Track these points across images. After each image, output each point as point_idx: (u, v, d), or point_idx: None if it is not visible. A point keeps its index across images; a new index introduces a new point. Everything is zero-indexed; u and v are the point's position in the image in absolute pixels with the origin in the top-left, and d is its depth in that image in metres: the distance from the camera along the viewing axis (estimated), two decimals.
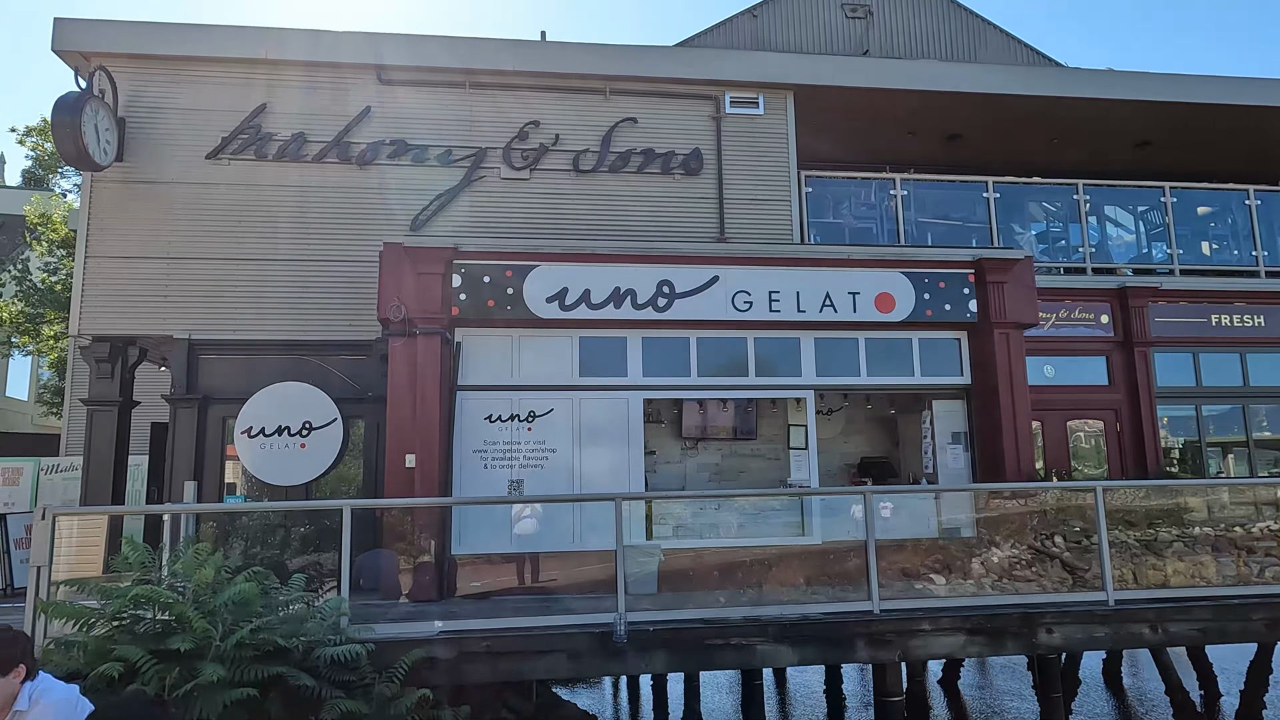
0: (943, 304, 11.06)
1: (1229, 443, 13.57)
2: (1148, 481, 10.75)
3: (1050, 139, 15.33)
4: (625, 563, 9.09)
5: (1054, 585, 8.56)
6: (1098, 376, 12.97)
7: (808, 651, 7.69)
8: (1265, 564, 9.01)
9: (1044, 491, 10.08)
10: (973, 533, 9.87)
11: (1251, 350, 13.33)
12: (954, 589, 8.54)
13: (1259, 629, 8.15)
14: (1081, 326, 12.98)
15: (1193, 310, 13.34)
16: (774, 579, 9.14)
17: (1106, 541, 8.16)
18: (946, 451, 11.35)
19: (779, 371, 11.05)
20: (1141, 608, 7.97)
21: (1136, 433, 12.69)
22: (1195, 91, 13.75)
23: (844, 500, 10.58)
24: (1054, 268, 13.98)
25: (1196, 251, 14.90)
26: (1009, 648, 7.96)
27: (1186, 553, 9.18)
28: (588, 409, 10.57)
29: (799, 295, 10.86)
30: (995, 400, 10.95)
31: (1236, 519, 9.90)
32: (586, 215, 12.36)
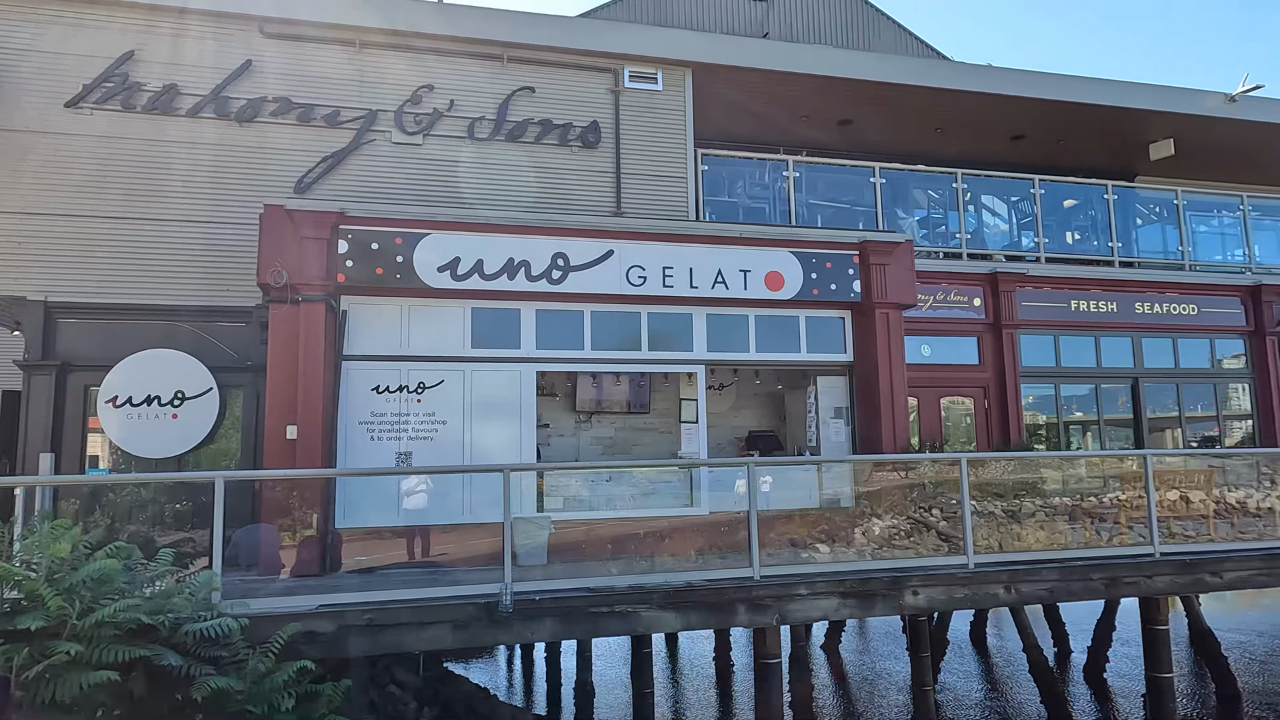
0: (829, 284, 11.48)
1: (1085, 421, 14.68)
2: (1006, 454, 11.53)
3: (934, 129, 16.02)
4: (515, 534, 9.12)
5: (929, 553, 9.05)
6: (969, 356, 13.77)
7: (691, 617, 7.91)
8: (1110, 530, 9.86)
9: (921, 465, 10.63)
10: (852, 503, 10.34)
11: (1105, 334, 14.44)
12: (837, 556, 8.95)
13: (1098, 587, 8.90)
14: (956, 309, 13.73)
15: (1055, 296, 14.31)
16: (667, 549, 9.35)
17: (969, 509, 8.72)
18: (829, 426, 11.84)
19: (672, 346, 11.22)
20: (997, 570, 8.56)
21: (1002, 409, 13.57)
22: (1063, 90, 14.65)
23: (732, 474, 10.90)
24: (934, 252, 14.69)
25: (1061, 241, 15.93)
26: (878, 609, 8.42)
27: (1046, 521, 9.95)
28: (480, 381, 10.47)
29: (692, 271, 11.04)
30: (875, 377, 11.48)
31: (1090, 490, 10.76)
32: (481, 184, 12.15)
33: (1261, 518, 10.70)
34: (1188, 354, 14.84)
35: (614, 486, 11.18)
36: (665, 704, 17.43)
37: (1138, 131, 16.25)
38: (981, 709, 17.68)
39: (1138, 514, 10.21)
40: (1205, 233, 17.20)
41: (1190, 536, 10.02)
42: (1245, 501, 11.00)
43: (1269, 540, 9.93)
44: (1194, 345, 14.88)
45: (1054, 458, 12.09)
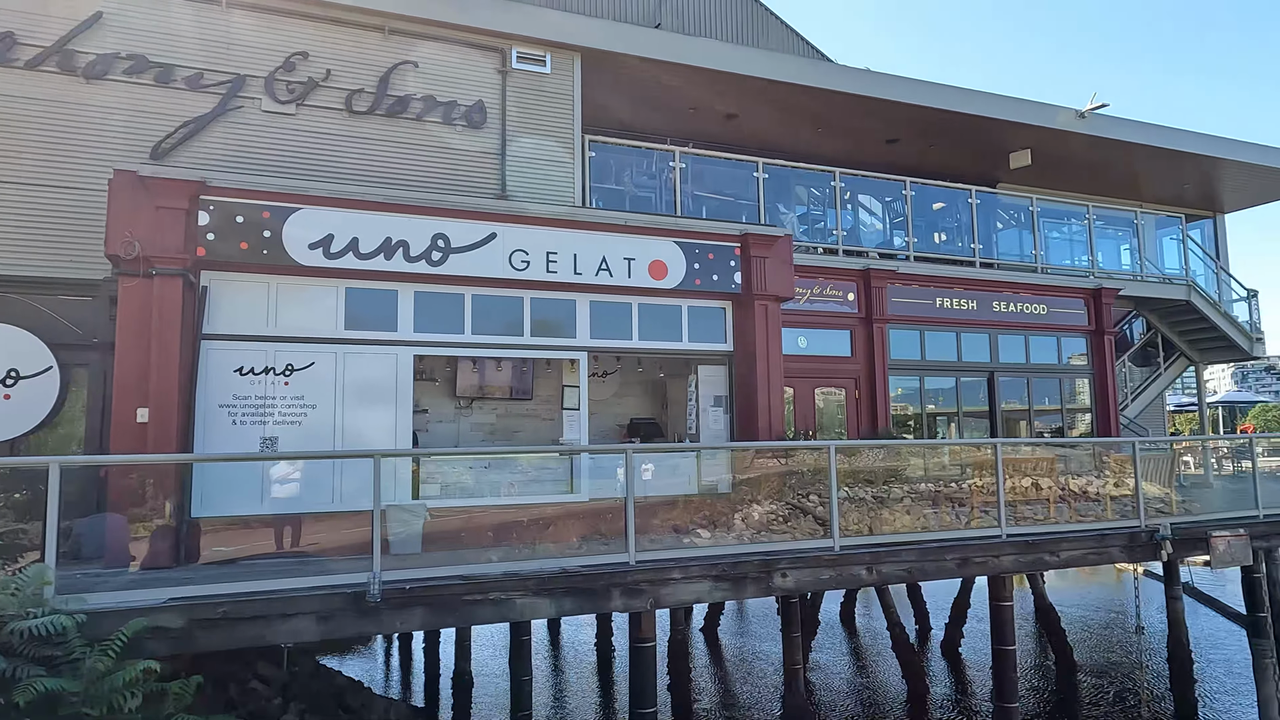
0: (711, 274, 11.69)
1: (947, 412, 15.60)
2: (870, 442, 12.12)
3: (816, 128, 16.55)
4: (388, 522, 8.87)
5: (805, 537, 9.34)
6: (843, 348, 14.36)
7: (565, 603, 7.92)
8: (968, 514, 10.50)
9: (800, 453, 10.95)
10: (730, 490, 10.59)
11: (965, 330, 15.37)
12: (717, 541, 9.15)
13: (951, 567, 9.49)
14: (832, 303, 14.28)
15: (922, 293, 15.11)
16: (550, 536, 9.31)
17: (836, 494, 9.09)
18: (709, 414, 12.08)
19: (555, 332, 11.16)
20: (860, 552, 8.98)
21: (871, 400, 14.23)
22: (934, 98, 15.41)
23: (614, 461, 10.94)
24: (812, 247, 15.20)
25: (930, 241, 16.82)
26: (749, 591, 8.67)
27: (912, 506, 10.49)
28: (353, 364, 10.08)
29: (577, 258, 11.00)
30: (753, 367, 11.79)
31: (950, 477, 11.40)
32: (358, 159, 11.67)
33: (1099, 502, 11.64)
34: (1038, 351, 16.00)
35: (494, 473, 11.03)
36: (546, 691, 17.45)
37: (999, 141, 17.30)
38: (849, 684, 18.57)
39: (991, 499, 10.94)
40: (1057, 239, 18.55)
41: (1040, 519, 10.80)
42: (1086, 489, 11.94)
43: (1102, 522, 10.82)
44: (1043, 342, 16.05)
45: (916, 446, 12.76)
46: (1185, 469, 16.15)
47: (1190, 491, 13.17)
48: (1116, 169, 19.09)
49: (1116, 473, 11.91)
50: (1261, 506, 11.80)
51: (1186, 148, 18.08)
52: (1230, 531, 10.66)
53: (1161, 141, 17.77)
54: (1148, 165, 19.00)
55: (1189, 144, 18.13)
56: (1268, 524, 11.65)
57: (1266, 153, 19.38)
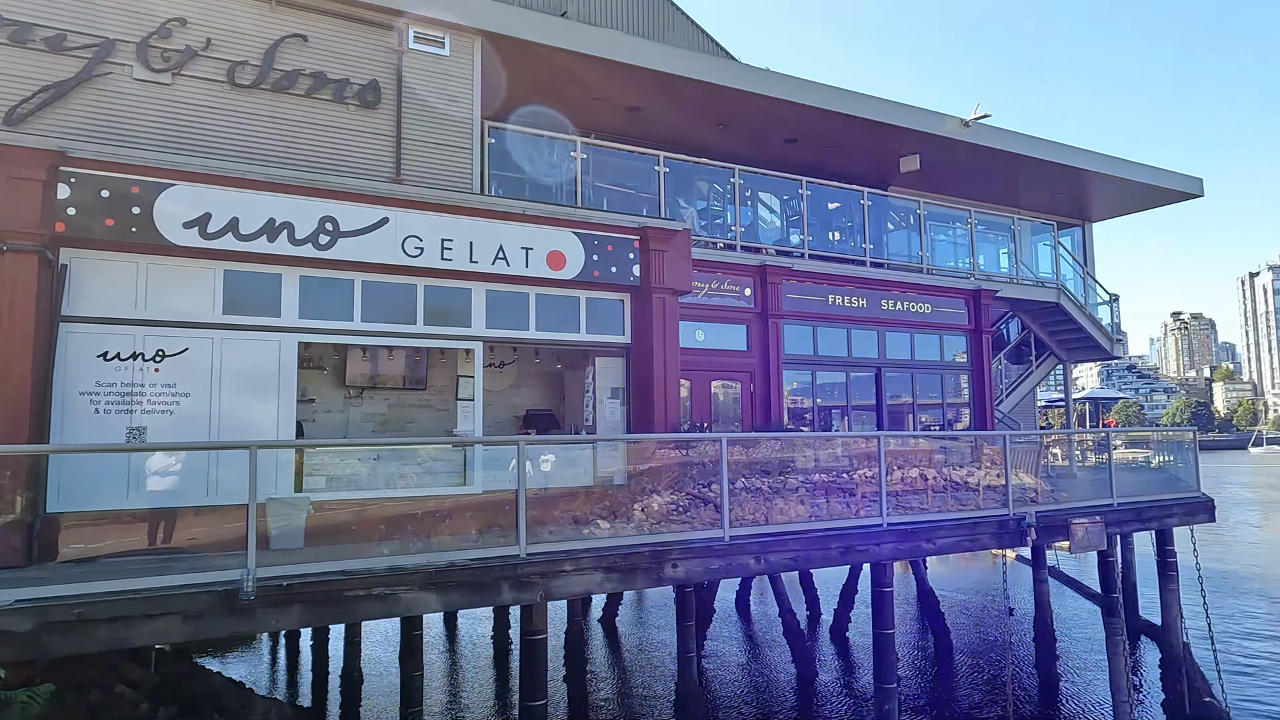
0: (609, 266, 11.68)
1: (838, 405, 16.14)
2: (757, 434, 12.41)
3: (717, 124, 16.77)
4: (269, 516, 8.50)
5: (705, 527, 9.46)
6: (739, 343, 14.65)
7: (453, 597, 7.79)
8: (858, 503, 10.85)
9: (703, 444, 11.04)
10: (625, 481, 10.63)
11: (855, 327, 15.94)
12: (617, 532, 9.16)
13: (835, 555, 9.83)
14: (729, 297, 14.53)
15: (816, 290, 15.56)
16: (446, 530, 9.12)
17: (727, 486, 9.27)
18: (605, 405, 12.10)
19: (449, 321, 10.92)
20: (749, 542, 9.20)
21: (766, 393, 14.58)
22: (829, 100, 15.85)
23: (510, 452, 10.81)
24: (712, 242, 15.42)
25: (824, 239, 17.35)
26: (640, 582, 8.75)
27: (806, 496, 10.78)
28: (231, 351, 9.59)
29: (473, 245, 10.79)
30: (650, 359, 11.87)
31: (842, 468, 11.75)
32: (241, 136, 11.09)
33: (979, 492, 12.25)
34: (922, 347, 16.74)
35: (385, 465, 10.72)
36: (439, 686, 17.17)
37: (891, 145, 17.98)
38: (742, 670, 19.04)
39: (876, 489, 11.38)
40: (942, 241, 19.44)
41: (925, 508, 11.29)
42: (967, 479, 12.55)
43: (976, 511, 11.41)
44: (927, 340, 16.81)
45: (803, 438, 13.14)
46: (1054, 460, 17.24)
47: (1057, 481, 14.06)
48: (997, 176, 20.16)
49: (990, 464, 12.58)
50: (1116, 495, 12.69)
51: (1059, 159, 19.25)
52: (1088, 519, 11.43)
53: (1037, 152, 18.86)
54: (1025, 174, 20.14)
55: (1062, 156, 19.32)
56: (1121, 511, 12.54)
57: (1130, 167, 20.85)
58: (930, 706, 16.66)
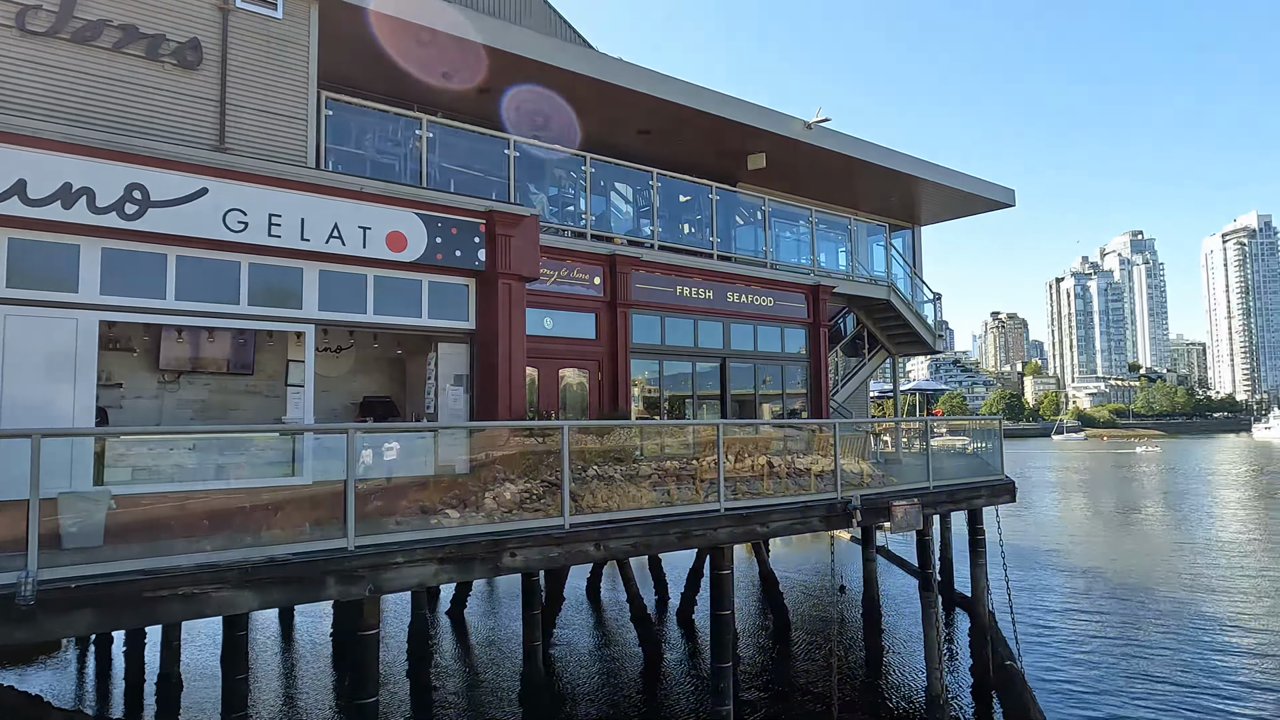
0: (454, 249, 11.36)
1: (684, 395, 16.47)
2: (600, 421, 12.47)
3: (575, 112, 16.65)
4: (62, 512, 7.70)
5: (560, 515, 9.32)
6: (588, 331, 14.65)
7: (273, 594, 7.34)
8: (705, 489, 11.05)
9: (555, 431, 10.87)
10: (468, 470, 10.37)
11: (702, 318, 16.32)
12: (466, 521, 8.91)
13: (674, 540, 10.02)
14: (579, 286, 14.49)
15: (665, 280, 15.79)
16: (278, 524, 8.55)
17: (568, 474, 9.24)
18: (448, 393, 11.78)
19: (277, 302, 10.27)
20: (589, 529, 9.21)
21: (613, 382, 14.67)
22: (680, 94, 16.09)
23: (344, 441, 10.29)
24: (562, 229, 15.32)
25: (675, 231, 17.63)
26: (477, 572, 8.58)
27: (659, 482, 10.90)
28: (17, 328, 8.59)
29: (305, 222, 10.18)
30: (496, 346, 11.65)
31: (692, 455, 11.94)
32: (32, 89, 9.90)
33: (811, 478, 12.83)
34: (765, 339, 17.38)
35: (205, 455, 9.94)
36: (272, 688, 16.25)
37: (738, 142, 18.50)
38: (591, 657, 19.19)
39: (728, 475, 11.68)
40: (786, 238, 20.25)
41: (767, 493, 11.67)
42: (811, 466, 13.09)
43: (808, 495, 11.96)
44: (769, 332, 17.47)
45: (646, 426, 13.34)
46: (884, 447, 18.38)
47: (886, 467, 14.97)
48: (836, 178, 21.22)
49: (823, 451, 13.23)
50: (932, 478, 13.67)
51: (890, 164, 20.50)
52: (907, 501, 12.23)
53: (870, 157, 19.99)
54: (861, 177, 21.32)
55: (892, 161, 20.57)
56: (936, 494, 13.53)
57: (952, 175, 22.52)
58: (766, 681, 17.44)
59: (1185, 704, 15.75)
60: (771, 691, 16.73)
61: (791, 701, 15.95)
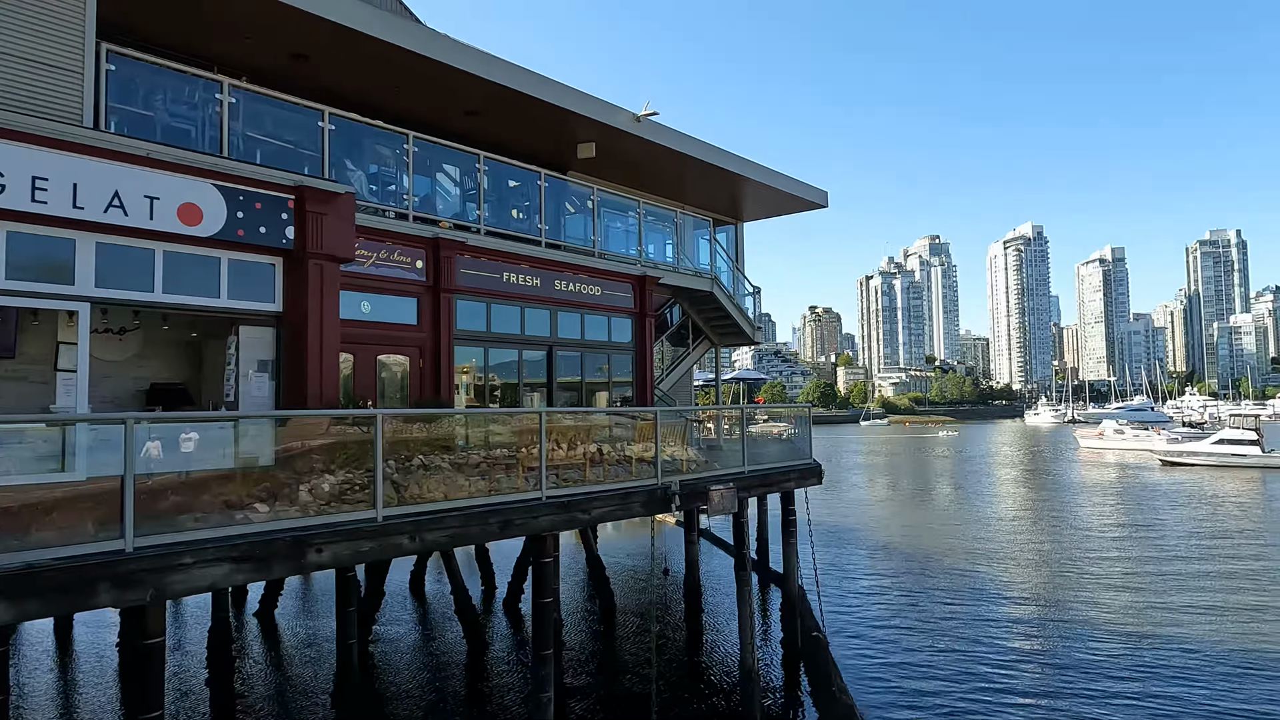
0: (258, 226, 10.55)
1: (510, 383, 16.25)
2: (415, 410, 12.10)
3: (395, 86, 15.93)
4: None
5: (387, 505, 8.90)
6: (409, 316, 14.09)
7: (31, 605, 6.52)
8: (532, 478, 10.91)
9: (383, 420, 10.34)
10: (273, 461, 9.69)
11: (529, 306, 16.15)
12: (277, 515, 8.29)
13: (494, 530, 9.86)
14: (399, 269, 13.90)
15: (491, 266, 15.48)
16: (48, 525, 7.56)
17: (381, 465, 8.85)
18: (251, 380, 10.96)
19: (43, 276, 9.10)
20: (403, 521, 8.88)
21: (435, 369, 14.22)
22: (508, 77, 15.77)
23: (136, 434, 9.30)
24: (383, 210, 14.63)
25: (503, 217, 17.32)
26: (278, 570, 8.04)
27: (488, 471, 10.63)
28: None
29: (78, 188, 9.08)
30: (306, 330, 10.96)
31: (520, 444, 11.69)
32: None
33: (646, 465, 13.01)
34: (592, 328, 17.49)
35: None
36: (38, 707, 14.57)
37: (569, 130, 18.44)
38: (413, 652, 18.63)
39: (558, 464, 11.62)
40: (616, 228, 20.47)
41: (596, 480, 11.69)
42: (644, 454, 13.21)
43: (630, 481, 12.16)
44: (597, 321, 17.59)
45: (466, 414, 13.07)
46: (707, 434, 19.05)
47: (708, 453, 15.50)
48: (664, 171, 21.67)
49: (647, 438, 13.49)
50: (749, 464, 14.33)
51: (715, 161, 21.20)
52: (724, 485, 12.75)
53: (696, 152, 20.58)
54: (687, 172, 21.90)
55: (717, 158, 21.29)
56: (750, 478, 14.19)
57: (772, 175, 23.64)
58: (591, 665, 17.68)
59: (965, 665, 17.53)
60: (595, 675, 16.98)
61: (615, 683, 16.26)
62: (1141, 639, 18.80)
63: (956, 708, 14.81)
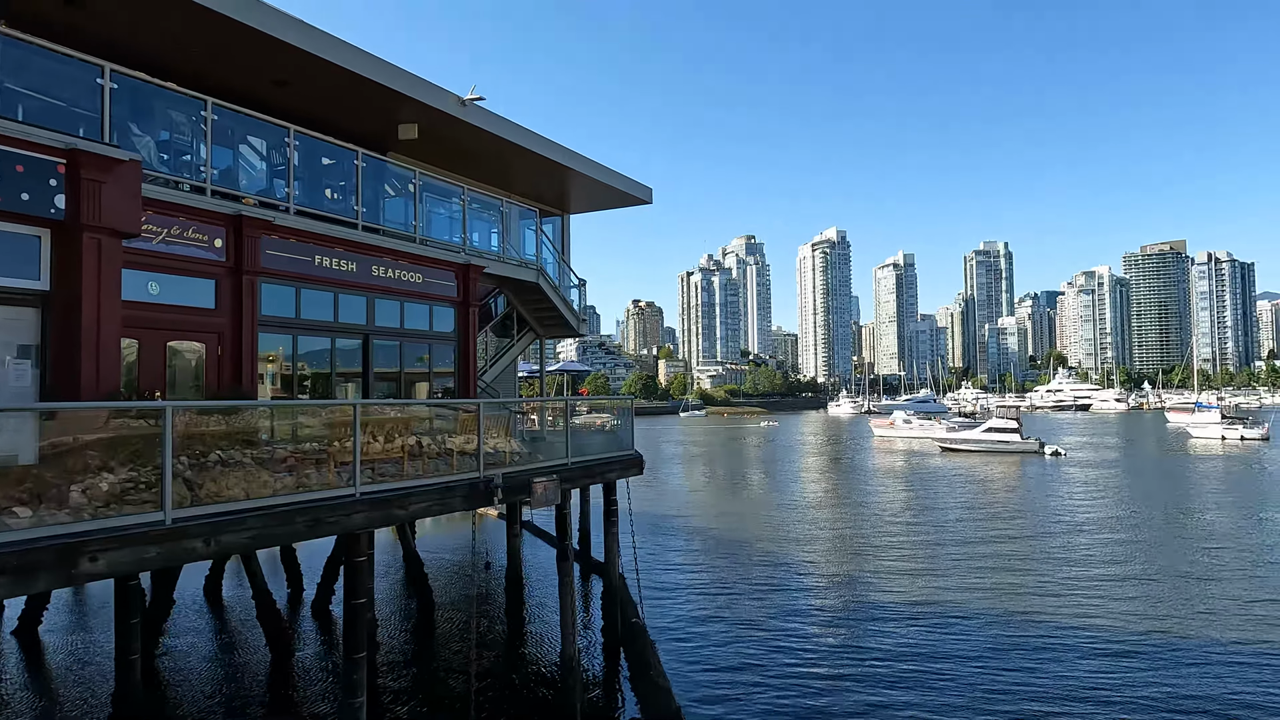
0: (18, 192, 9.24)
1: (322, 373, 15.29)
2: (213, 403, 11.14)
3: (190, 47, 14.48)
4: None
5: (178, 506, 8.12)
6: (206, 299, 12.89)
7: None
8: (346, 472, 10.27)
9: (176, 413, 9.33)
10: (35, 458, 8.54)
11: (343, 292, 15.26)
12: (40, 520, 7.26)
13: (302, 530, 9.26)
14: (195, 247, 12.68)
15: (302, 248, 14.47)
16: None
17: (171, 461, 8.06)
18: (10, 367, 9.60)
19: None
20: (197, 523, 8.13)
21: (237, 357, 13.11)
22: (321, 46, 14.66)
23: None
24: (177, 182, 13.29)
25: (316, 197, 16.25)
26: (43, 582, 7.12)
27: (295, 466, 9.87)
28: None
29: None
30: (79, 312, 9.75)
31: (336, 437, 10.98)
32: None
33: (468, 458, 12.66)
34: (412, 317, 16.82)
35: None
36: None
37: (389, 109, 17.58)
38: (208, 663, 17.20)
39: (375, 458, 11.03)
40: (439, 214, 19.81)
41: (412, 475, 11.21)
42: (465, 447, 12.80)
43: (450, 475, 11.84)
44: (417, 309, 16.95)
45: (280, 406, 12.22)
46: (532, 426, 18.92)
47: (532, 445, 15.38)
48: (490, 159, 21.22)
49: (469, 430, 13.17)
50: (571, 455, 14.39)
51: (541, 151, 21.02)
52: (547, 477, 12.72)
53: (523, 142, 20.31)
54: (514, 160, 21.57)
55: (544, 149, 21.12)
56: (574, 469, 14.27)
57: (598, 169, 23.81)
58: (407, 666, 17.11)
59: (775, 646, 18.61)
60: (413, 676, 16.47)
61: (434, 683, 15.83)
62: (924, 613, 20.79)
63: (769, 686, 15.71)
